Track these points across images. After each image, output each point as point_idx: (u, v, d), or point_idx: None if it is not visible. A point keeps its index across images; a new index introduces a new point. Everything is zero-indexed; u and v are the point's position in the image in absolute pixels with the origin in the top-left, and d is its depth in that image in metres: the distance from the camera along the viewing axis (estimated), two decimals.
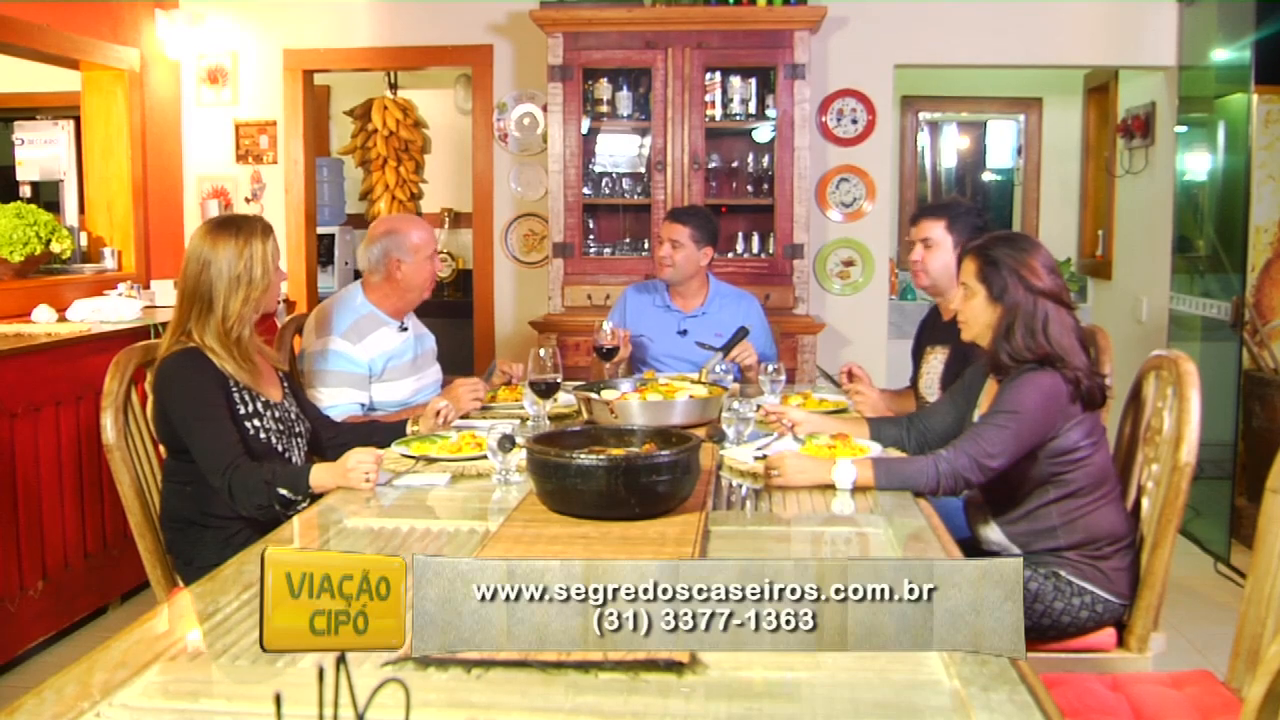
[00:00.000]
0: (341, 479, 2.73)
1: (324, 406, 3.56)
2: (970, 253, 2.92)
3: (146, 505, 3.02)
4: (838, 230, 6.25)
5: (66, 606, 4.40)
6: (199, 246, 2.98)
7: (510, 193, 6.46)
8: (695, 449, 2.52)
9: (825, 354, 5.94)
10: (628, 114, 5.91)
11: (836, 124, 6.20)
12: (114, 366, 3.01)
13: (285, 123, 6.55)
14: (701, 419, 3.43)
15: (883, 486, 2.72)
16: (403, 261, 3.81)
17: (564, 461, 2.42)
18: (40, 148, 6.41)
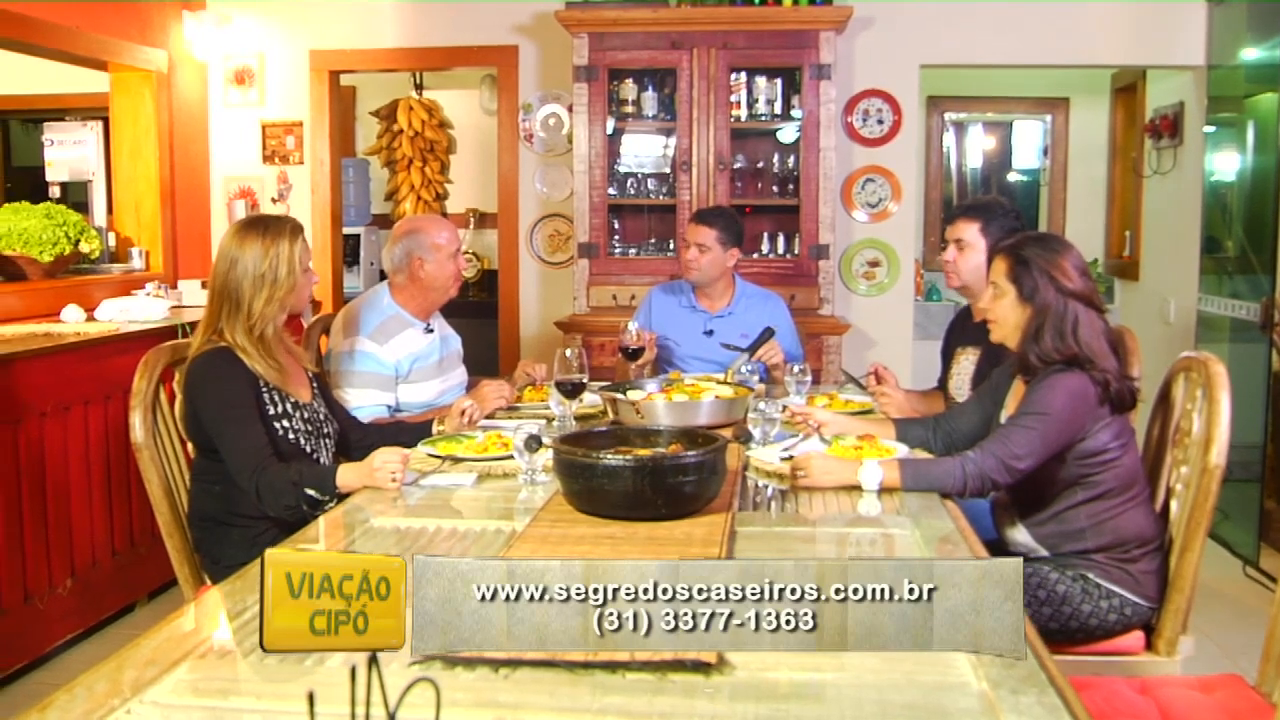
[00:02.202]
0: (368, 479, 2.74)
1: (350, 407, 3.58)
2: (1001, 252, 2.91)
3: (175, 504, 3.04)
4: (863, 231, 6.24)
5: (94, 604, 4.44)
6: (228, 245, 3.00)
7: (535, 193, 6.47)
8: (722, 450, 2.51)
9: (850, 355, 5.93)
10: (653, 114, 5.91)
11: (862, 124, 6.18)
12: (143, 366, 3.03)
13: (311, 123, 6.58)
14: (727, 419, 3.43)
15: (909, 488, 2.72)
16: (425, 261, 3.82)
17: (591, 462, 2.42)
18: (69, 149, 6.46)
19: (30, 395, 4.07)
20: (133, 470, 4.41)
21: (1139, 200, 7.11)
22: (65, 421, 4.25)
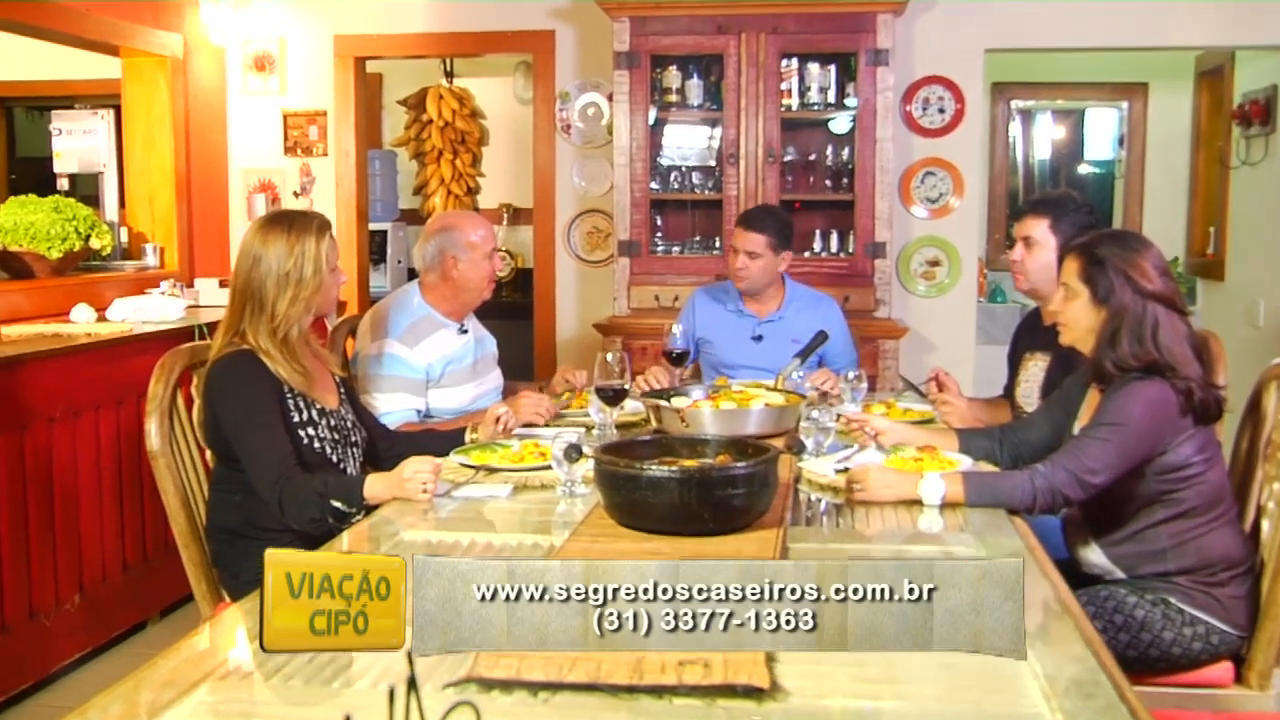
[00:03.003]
0: (397, 489, 2.76)
1: (378, 413, 3.60)
2: (1073, 251, 2.88)
3: (192, 516, 3.06)
4: (922, 227, 6.21)
5: (104, 622, 4.47)
6: (251, 241, 3.02)
7: (573, 187, 6.49)
8: (773, 461, 2.51)
9: (908, 360, 5.90)
10: (698, 103, 5.91)
11: (922, 113, 6.16)
12: (159, 369, 3.06)
13: (335, 113, 6.63)
14: (778, 429, 3.42)
15: (973, 503, 2.70)
16: (459, 259, 3.83)
17: (634, 473, 2.43)
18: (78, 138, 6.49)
19: (38, 399, 4.11)
20: (146, 479, 4.44)
21: (1225, 193, 7.04)
22: (75, 427, 4.30)
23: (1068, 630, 1.93)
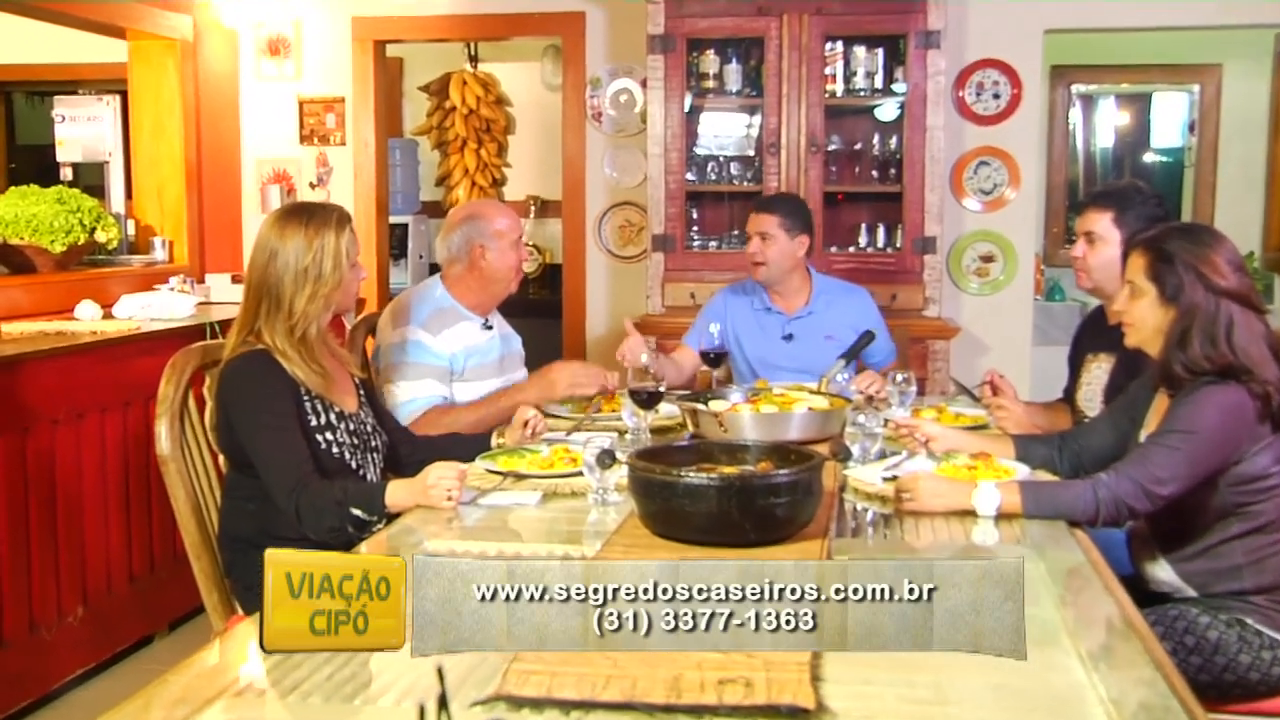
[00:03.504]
0: (421, 497, 2.76)
1: (403, 400, 3.63)
2: (1139, 246, 2.86)
3: (204, 524, 3.08)
4: (975, 221, 6.19)
5: (108, 635, 4.50)
6: (267, 235, 3.03)
7: (604, 179, 6.50)
8: (817, 468, 2.51)
9: (959, 362, 5.88)
10: (737, 90, 5.91)
11: (975, 99, 6.13)
12: (170, 369, 3.08)
13: (354, 99, 6.66)
14: (822, 434, 3.41)
15: (1031, 514, 2.68)
16: (487, 248, 3.86)
17: (671, 480, 2.43)
18: (82, 125, 6.53)
19: (40, 401, 4.14)
20: (154, 486, 4.50)
21: None
22: (79, 430, 4.32)
23: (1134, 652, 1.92)
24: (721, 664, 1.78)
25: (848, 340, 4.30)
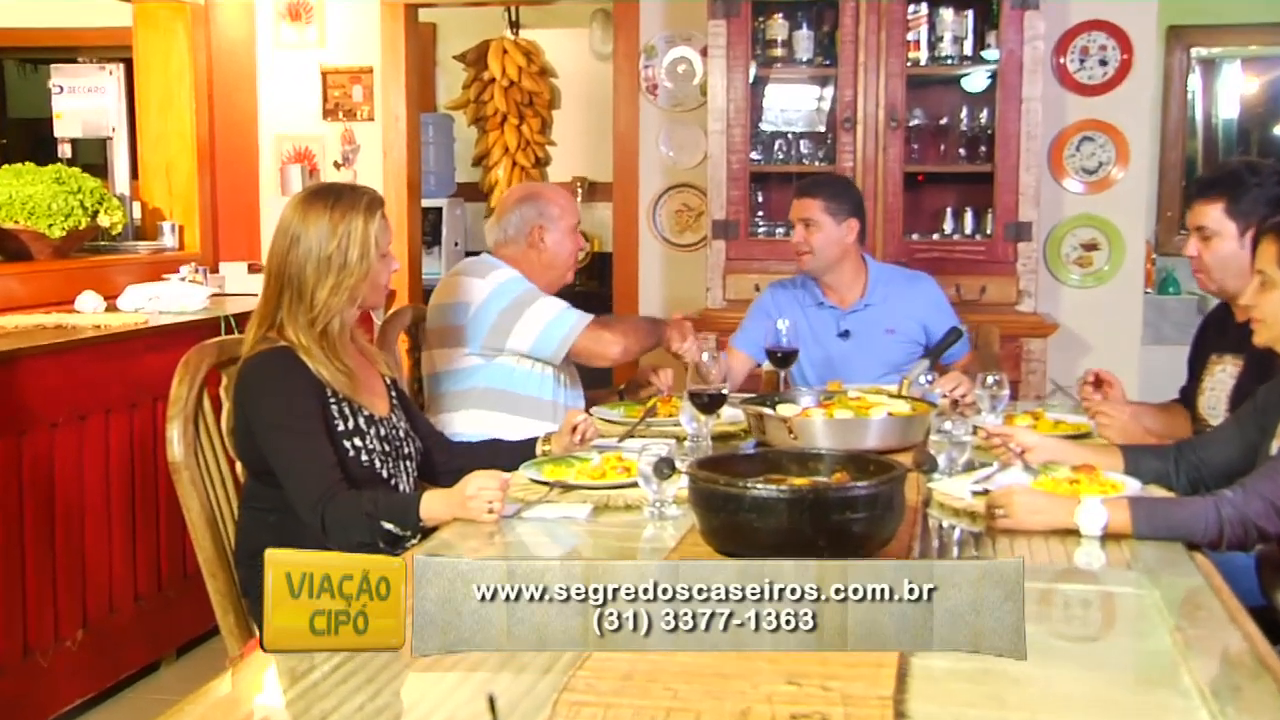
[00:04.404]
0: (459, 509, 2.77)
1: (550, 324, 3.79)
2: (1270, 231, 2.83)
3: (219, 537, 3.10)
4: (1077, 204, 6.14)
5: (111, 661, 4.52)
6: (290, 218, 3.05)
7: (659, 158, 6.50)
8: (899, 480, 2.50)
9: (1058, 364, 5.84)
10: (807, 58, 5.90)
11: (1079, 66, 6.08)
12: (183, 368, 3.10)
13: (383, 70, 6.69)
14: (903, 443, 3.41)
15: (1144, 534, 2.66)
16: (546, 230, 3.92)
17: (736, 492, 2.43)
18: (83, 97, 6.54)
19: (38, 401, 4.16)
20: (164, 496, 4.53)
21: None
22: (81, 434, 4.35)
23: (1267, 694, 1.88)
24: (794, 697, 1.80)
25: (911, 334, 4.30)
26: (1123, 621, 2.36)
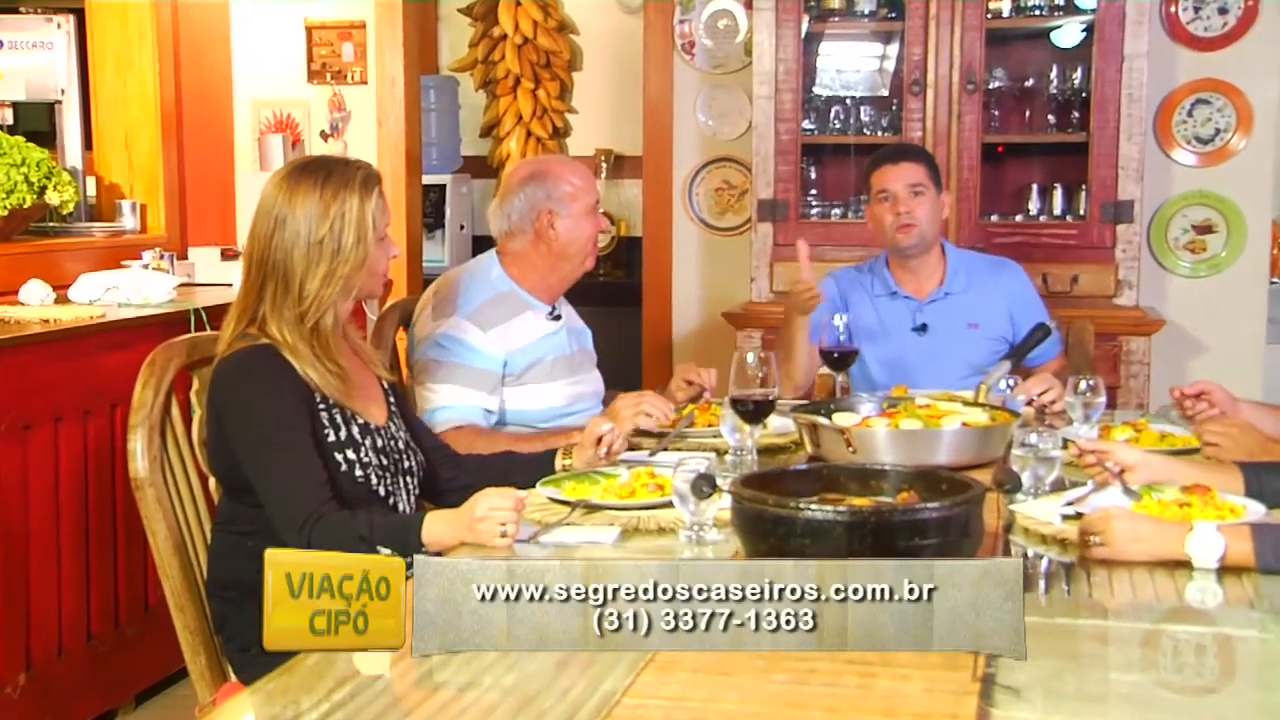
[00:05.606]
0: (467, 533, 2.79)
1: (435, 407, 3.68)
2: None
3: (188, 565, 3.10)
4: (1188, 179, 6.14)
5: (58, 710, 4.48)
6: (273, 197, 3.07)
7: (697, 128, 6.52)
8: (976, 501, 2.51)
9: (1164, 366, 5.83)
10: (869, 11, 5.93)
11: (1193, 17, 6.07)
12: (148, 368, 3.10)
13: (376, 25, 6.70)
14: (980, 458, 3.42)
15: (1270, 567, 2.65)
16: (556, 215, 3.90)
17: (787, 514, 2.44)
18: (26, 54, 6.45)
19: None
20: (123, 517, 4.53)
21: None
22: (25, 445, 4.31)
23: None
24: None
25: (997, 329, 4.30)
26: (1245, 670, 2.35)
